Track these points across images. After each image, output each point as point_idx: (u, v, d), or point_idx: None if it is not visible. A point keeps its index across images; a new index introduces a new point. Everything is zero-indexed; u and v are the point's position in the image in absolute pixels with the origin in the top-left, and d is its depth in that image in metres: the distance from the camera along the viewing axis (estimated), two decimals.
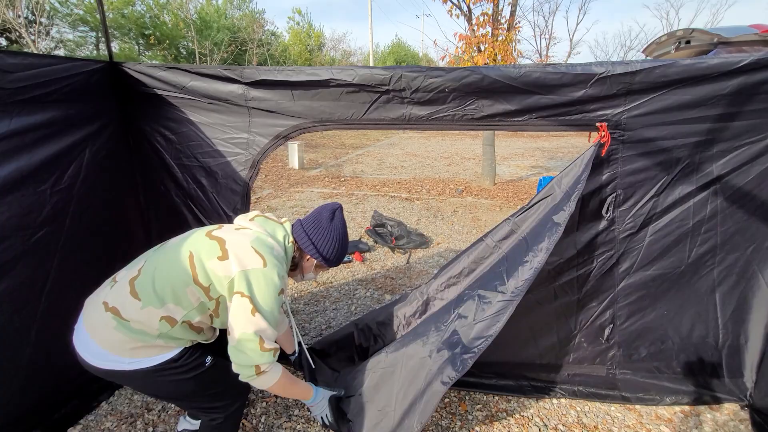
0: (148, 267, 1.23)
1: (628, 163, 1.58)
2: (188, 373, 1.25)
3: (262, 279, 1.16)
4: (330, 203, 1.44)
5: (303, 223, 1.40)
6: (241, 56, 15.46)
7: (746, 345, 1.86)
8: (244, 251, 1.18)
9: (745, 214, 1.61)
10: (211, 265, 1.17)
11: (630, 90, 1.41)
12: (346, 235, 1.43)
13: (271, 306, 1.17)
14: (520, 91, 1.47)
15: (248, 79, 1.72)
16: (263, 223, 1.35)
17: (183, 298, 1.18)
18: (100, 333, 1.17)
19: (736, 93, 1.37)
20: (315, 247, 1.36)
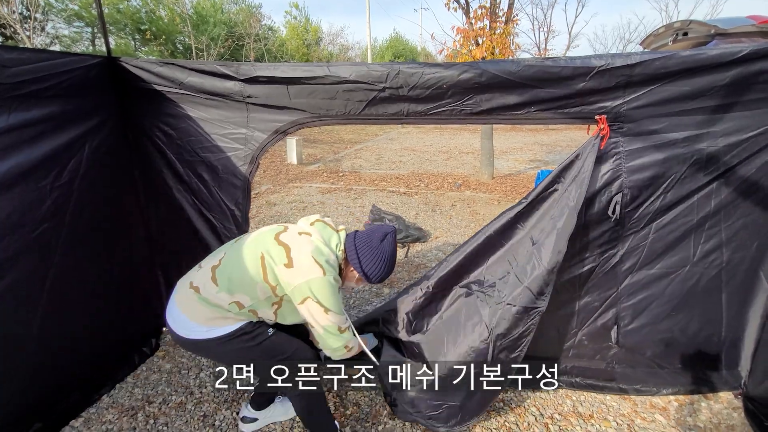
0: (226, 259, 1.42)
1: (631, 159, 1.57)
2: (254, 341, 1.44)
3: (324, 285, 1.35)
4: (386, 225, 1.56)
5: (356, 238, 1.51)
6: (238, 51, 15.35)
7: (744, 336, 1.87)
8: (306, 262, 1.35)
9: (749, 209, 1.60)
10: (279, 270, 1.35)
11: (629, 82, 1.41)
12: (394, 259, 1.52)
13: (336, 303, 1.40)
14: (518, 85, 1.47)
15: (244, 75, 1.72)
16: (321, 230, 1.48)
17: (252, 291, 1.37)
18: (184, 304, 1.41)
19: (734, 83, 1.37)
20: (360, 262, 1.47)
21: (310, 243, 1.39)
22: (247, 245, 1.42)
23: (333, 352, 1.48)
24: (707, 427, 1.86)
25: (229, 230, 2.00)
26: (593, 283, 1.79)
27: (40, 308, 1.68)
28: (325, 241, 1.44)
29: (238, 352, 1.44)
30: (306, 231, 1.44)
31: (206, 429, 1.84)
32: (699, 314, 1.77)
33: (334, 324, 1.41)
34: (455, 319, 1.75)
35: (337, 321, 1.42)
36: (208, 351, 1.47)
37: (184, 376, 2.18)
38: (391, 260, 1.51)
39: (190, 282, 1.43)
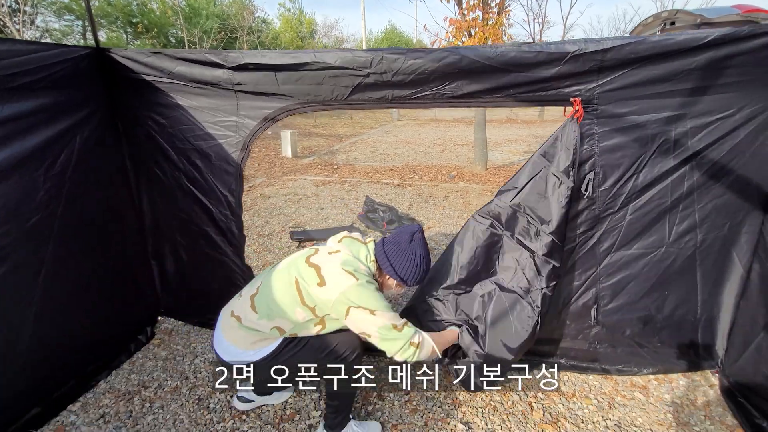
0: (263, 287, 1.48)
1: (604, 140, 1.63)
2: (298, 346, 1.50)
3: (360, 290, 1.37)
4: (411, 225, 1.56)
5: (384, 244, 1.53)
6: (231, 44, 15.26)
7: (719, 316, 1.94)
8: (337, 275, 1.39)
9: (720, 190, 1.66)
10: (314, 290, 1.39)
11: (602, 67, 1.46)
12: (426, 257, 1.52)
13: (380, 302, 1.40)
14: (497, 70, 1.52)
15: (233, 63, 1.75)
16: (349, 245, 1.53)
17: (291, 315, 1.43)
18: (228, 333, 1.50)
19: (703, 68, 1.43)
20: (393, 267, 1.49)
21: (338, 258, 1.44)
22: (281, 271, 1.48)
23: (402, 353, 1.42)
24: (684, 403, 1.93)
25: (224, 215, 2.05)
26: (574, 263, 1.85)
27: (36, 296, 1.73)
28: (354, 254, 1.48)
29: (288, 360, 1.51)
30: (335, 249, 1.49)
31: (201, 411, 1.90)
32: (674, 294, 1.84)
33: (387, 323, 1.39)
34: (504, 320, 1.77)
35: (388, 319, 1.39)
36: (263, 369, 1.52)
37: (179, 363, 2.23)
38: (424, 259, 1.52)
39: (231, 311, 1.52)
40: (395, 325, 1.40)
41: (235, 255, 2.16)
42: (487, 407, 1.91)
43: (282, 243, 3.98)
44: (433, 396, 1.96)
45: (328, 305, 1.38)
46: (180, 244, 2.29)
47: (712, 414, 1.87)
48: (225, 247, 2.17)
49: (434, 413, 1.87)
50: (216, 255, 2.21)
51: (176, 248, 2.31)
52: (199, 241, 2.20)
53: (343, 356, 1.53)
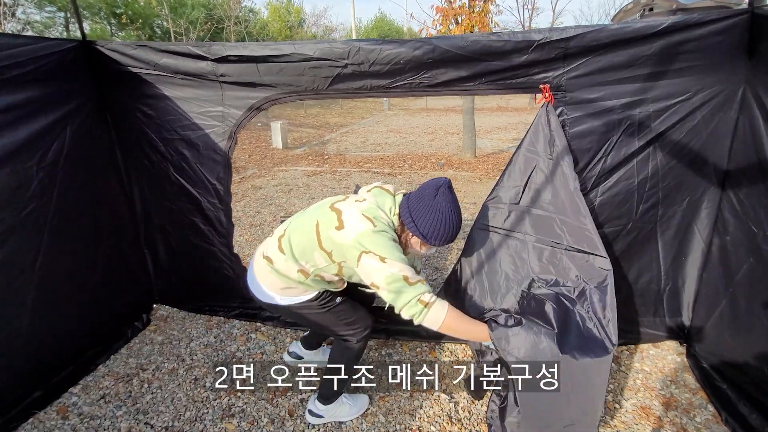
0: (290, 229, 1.51)
1: (574, 125, 1.72)
2: (324, 308, 1.57)
3: (375, 236, 1.32)
4: (439, 178, 1.39)
5: (409, 197, 1.42)
6: (218, 34, 15.07)
7: (683, 288, 2.07)
8: (356, 219, 1.36)
9: (681, 169, 1.77)
10: (331, 233, 1.37)
11: (567, 54, 1.55)
12: (452, 213, 1.36)
13: (393, 252, 1.31)
14: (468, 59, 1.60)
15: (215, 55, 1.82)
16: (377, 195, 1.48)
17: (311, 258, 1.44)
18: (260, 274, 1.55)
19: (659, 54, 1.51)
20: (414, 222, 1.36)
21: (361, 205, 1.40)
22: (307, 214, 1.50)
23: (408, 309, 1.31)
24: (652, 371, 2.07)
25: (212, 204, 2.12)
26: None
27: (34, 283, 1.79)
28: (379, 205, 1.41)
29: (310, 316, 1.59)
30: (362, 198, 1.46)
31: (198, 390, 2.00)
32: (638, 266, 1.96)
33: (396, 273, 1.28)
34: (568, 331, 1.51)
35: (398, 270, 1.29)
36: (287, 313, 1.63)
37: (176, 346, 2.33)
38: (450, 216, 1.35)
39: (262, 252, 1.56)
40: (406, 276, 1.29)
41: (223, 245, 2.24)
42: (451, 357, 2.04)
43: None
44: (417, 370, 2.08)
45: (343, 249, 1.34)
46: (170, 234, 2.36)
47: (678, 379, 2.01)
48: (213, 237, 2.24)
49: (419, 385, 1.99)
50: (203, 245, 2.28)
51: (167, 237, 2.38)
52: (187, 231, 2.27)
53: (355, 330, 1.62)
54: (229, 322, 2.52)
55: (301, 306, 1.56)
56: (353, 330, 1.63)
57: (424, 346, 2.27)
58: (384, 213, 1.40)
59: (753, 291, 1.65)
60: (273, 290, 1.53)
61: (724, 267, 1.83)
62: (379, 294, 1.37)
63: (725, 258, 1.81)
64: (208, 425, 1.79)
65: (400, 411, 1.86)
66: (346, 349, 1.68)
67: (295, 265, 1.45)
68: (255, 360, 2.17)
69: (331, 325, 1.64)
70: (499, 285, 1.68)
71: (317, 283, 1.52)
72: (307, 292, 1.54)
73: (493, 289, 1.69)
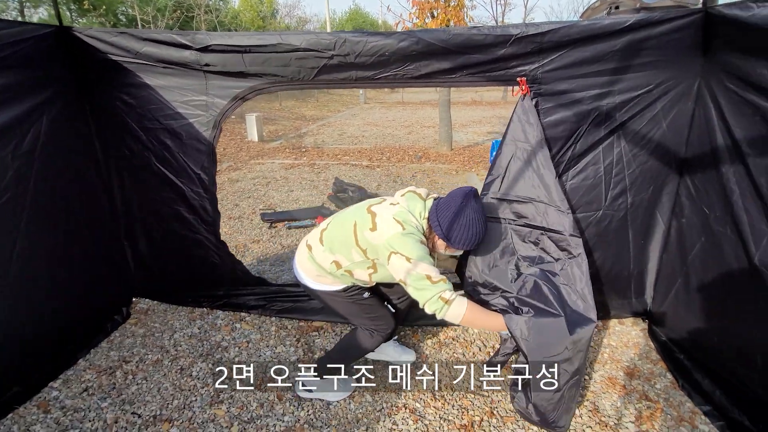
0: (331, 225, 1.67)
1: (548, 115, 1.83)
2: (351, 299, 1.71)
3: (403, 238, 1.46)
4: (466, 187, 1.53)
5: (438, 203, 1.54)
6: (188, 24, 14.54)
7: (647, 268, 2.24)
8: (388, 223, 1.50)
9: (644, 157, 1.92)
10: (366, 234, 1.52)
11: (542, 48, 1.65)
12: (477, 220, 1.48)
13: (420, 252, 1.45)
14: (450, 52, 1.67)
15: (200, 44, 1.81)
16: (409, 199, 1.58)
17: (347, 254, 1.58)
18: (300, 260, 1.73)
19: (624, 49, 1.64)
20: (440, 225, 1.49)
21: (393, 209, 1.53)
22: (347, 213, 1.64)
23: (430, 305, 1.46)
24: (618, 345, 2.24)
25: (197, 194, 2.12)
26: None
27: (11, 275, 1.75)
28: (410, 209, 1.53)
29: (337, 305, 1.74)
30: (396, 202, 1.58)
31: (184, 379, 2.01)
32: (612, 252, 2.11)
33: (420, 273, 1.43)
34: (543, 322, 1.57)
35: (422, 269, 1.43)
36: (318, 297, 1.78)
37: (158, 338, 2.31)
38: (473, 222, 1.47)
39: (306, 240, 1.73)
40: (429, 276, 1.44)
41: (209, 233, 2.24)
42: (451, 359, 2.14)
43: (253, 224, 4.04)
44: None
45: (377, 249, 1.50)
46: (152, 225, 2.33)
47: (641, 351, 2.18)
48: (198, 225, 2.24)
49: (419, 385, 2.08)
50: (189, 234, 2.27)
51: (149, 229, 2.36)
52: (171, 221, 2.26)
53: (378, 325, 1.74)
54: (213, 313, 2.52)
55: (330, 294, 1.71)
56: (375, 325, 1.75)
57: (407, 330, 2.36)
58: (414, 217, 1.53)
59: (704, 268, 1.82)
60: (309, 275, 1.70)
61: (680, 248, 2.00)
62: (406, 290, 1.53)
63: (681, 239, 1.98)
64: (197, 412, 1.81)
65: (387, 390, 1.94)
66: (360, 343, 1.77)
67: (331, 257, 1.61)
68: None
69: (355, 316, 1.77)
70: (489, 266, 1.78)
71: (345, 278, 1.65)
72: (336, 284, 1.69)
73: (484, 271, 1.78)
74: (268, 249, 3.50)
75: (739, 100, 1.46)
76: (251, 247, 3.56)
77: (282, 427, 1.74)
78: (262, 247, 3.56)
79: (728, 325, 1.71)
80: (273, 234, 3.82)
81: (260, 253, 3.44)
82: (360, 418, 1.79)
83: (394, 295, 1.93)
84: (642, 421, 1.76)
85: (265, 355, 2.17)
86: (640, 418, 1.77)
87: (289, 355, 2.17)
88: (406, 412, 1.80)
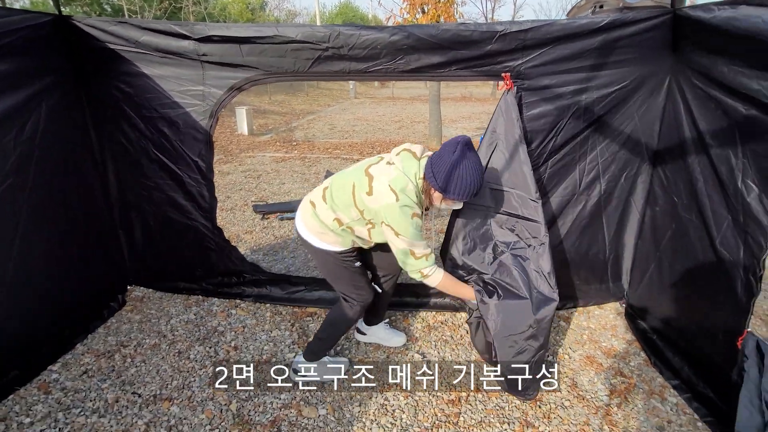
0: (332, 184, 1.70)
1: (531, 109, 1.95)
2: (343, 264, 1.77)
3: (395, 210, 1.50)
4: (458, 136, 1.51)
5: (432, 158, 1.54)
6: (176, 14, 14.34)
7: (623, 254, 2.39)
8: (383, 191, 1.52)
9: (618, 147, 2.06)
10: (363, 197, 1.57)
11: (525, 45, 1.76)
12: (469, 167, 1.47)
13: (407, 228, 1.53)
14: (440, 47, 1.77)
15: (199, 35, 1.88)
16: (404, 159, 1.59)
17: (347, 213, 1.64)
18: (304, 216, 1.76)
19: (601, 47, 1.76)
20: (435, 178, 1.50)
21: (390, 173, 1.54)
22: (347, 174, 1.68)
23: (412, 274, 1.66)
24: (597, 328, 2.38)
25: (195, 180, 2.19)
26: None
27: (12, 260, 1.80)
28: (406, 171, 1.54)
29: (329, 265, 1.79)
30: (392, 161, 1.59)
31: (182, 361, 2.08)
32: (586, 235, 2.25)
33: (405, 248, 1.56)
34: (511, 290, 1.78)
35: (407, 245, 1.54)
36: (314, 255, 1.81)
37: (155, 324, 2.38)
38: (467, 171, 1.46)
39: (309, 198, 1.78)
40: (413, 252, 1.57)
41: (206, 219, 2.31)
42: (439, 341, 2.26)
43: (246, 216, 4.10)
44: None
45: (372, 213, 1.57)
46: (148, 212, 2.39)
47: (617, 333, 2.33)
48: (195, 212, 2.31)
49: (394, 348, 2.19)
50: (185, 220, 2.34)
51: (144, 216, 2.41)
52: (168, 208, 2.32)
53: (360, 294, 1.82)
54: (208, 300, 2.59)
55: (326, 253, 1.76)
56: (357, 294, 1.82)
57: (398, 315, 2.47)
58: (410, 180, 1.54)
59: (674, 254, 1.97)
60: (311, 232, 1.74)
61: (653, 235, 2.14)
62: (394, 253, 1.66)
63: (655, 227, 2.13)
64: (196, 391, 1.90)
65: (379, 370, 2.04)
66: (343, 314, 1.86)
67: (332, 214, 1.67)
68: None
69: (341, 281, 1.84)
70: (469, 250, 1.94)
71: (347, 234, 1.71)
72: (336, 244, 1.73)
73: (464, 254, 1.95)
74: (260, 239, 3.58)
75: (703, 95, 1.59)
76: (244, 237, 3.63)
77: (279, 404, 1.83)
78: (255, 237, 3.62)
79: (694, 306, 1.86)
80: (265, 225, 3.88)
81: (253, 243, 3.51)
82: (353, 395, 1.90)
83: (381, 272, 2.00)
84: (616, 394, 1.90)
85: (261, 339, 2.25)
86: (614, 391, 1.91)
87: (284, 339, 2.26)
88: (397, 390, 1.91)
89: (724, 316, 1.64)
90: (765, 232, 1.39)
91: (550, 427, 1.73)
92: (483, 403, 1.85)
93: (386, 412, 1.81)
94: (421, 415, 1.79)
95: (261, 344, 2.22)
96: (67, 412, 1.77)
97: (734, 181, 1.49)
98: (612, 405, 1.84)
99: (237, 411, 1.79)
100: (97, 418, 1.75)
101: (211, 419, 1.75)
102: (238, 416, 1.76)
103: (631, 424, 1.75)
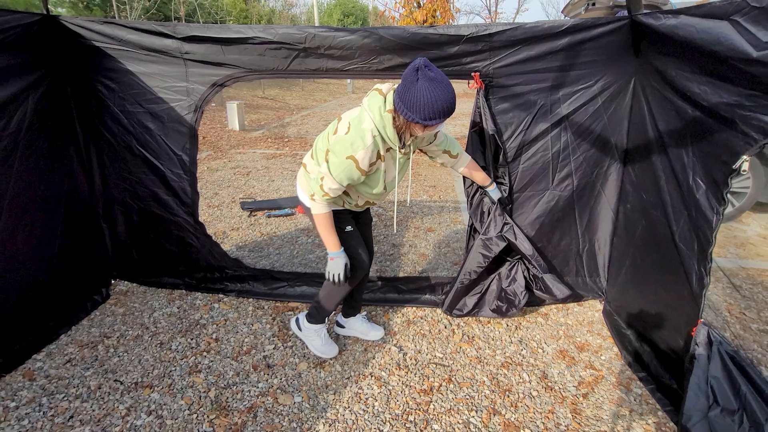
0: (317, 140, 1.86)
1: (499, 104, 2.13)
2: (337, 226, 1.87)
3: (341, 141, 1.63)
4: (415, 59, 1.48)
5: (397, 88, 1.55)
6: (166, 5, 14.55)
7: (599, 250, 2.55)
8: (342, 126, 1.67)
9: (588, 145, 2.23)
10: (331, 139, 1.69)
11: (492, 47, 1.94)
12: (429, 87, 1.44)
13: (337, 163, 1.63)
14: (410, 48, 1.95)
15: (181, 34, 2.07)
16: (371, 98, 1.63)
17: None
18: (299, 179, 1.95)
19: (566, 49, 1.93)
20: (404, 106, 1.49)
21: (353, 112, 1.68)
22: (329, 125, 1.79)
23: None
24: (574, 323, 2.54)
25: (177, 175, 2.35)
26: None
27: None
28: (370, 107, 1.59)
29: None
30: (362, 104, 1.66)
31: (164, 352, 2.25)
32: (559, 229, 2.42)
33: (320, 174, 1.69)
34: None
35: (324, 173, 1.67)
36: (311, 216, 1.89)
37: (138, 317, 2.54)
38: (427, 89, 1.43)
39: (303, 160, 1.94)
40: (322, 184, 1.69)
41: (187, 214, 2.48)
42: (417, 335, 2.42)
43: (233, 212, 4.27)
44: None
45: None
46: (131, 207, 2.55)
47: (593, 329, 2.49)
48: (177, 207, 2.47)
49: (372, 341, 2.35)
50: (167, 215, 2.50)
51: (128, 211, 2.58)
52: (150, 203, 2.48)
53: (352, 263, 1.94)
54: (192, 294, 2.76)
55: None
56: (350, 258, 1.93)
57: (378, 310, 2.63)
58: (371, 117, 1.59)
59: (644, 249, 2.12)
60: (305, 192, 1.88)
61: (627, 231, 2.30)
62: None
63: (627, 223, 2.28)
64: (176, 379, 2.06)
65: (355, 361, 2.21)
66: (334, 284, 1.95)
67: (318, 168, 1.77)
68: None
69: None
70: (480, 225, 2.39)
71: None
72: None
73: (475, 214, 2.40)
74: (246, 236, 3.74)
75: (660, 97, 1.75)
76: (230, 234, 3.79)
77: (256, 392, 1.99)
78: (241, 234, 3.79)
79: (660, 299, 2.01)
80: (252, 222, 4.05)
81: (239, 240, 3.68)
82: (329, 384, 2.06)
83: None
84: (583, 386, 2.06)
85: (242, 332, 2.42)
86: (582, 383, 2.07)
87: (265, 332, 2.42)
88: (372, 379, 2.08)
89: (685, 307, 1.79)
90: (711, 227, 1.55)
91: (516, 415, 1.89)
92: (453, 392, 2.01)
93: (359, 399, 1.97)
94: (393, 402, 1.95)
95: (242, 336, 2.38)
96: (51, 397, 1.93)
97: (687, 178, 1.65)
98: (578, 395, 2.00)
99: (215, 398, 1.95)
100: (80, 403, 1.91)
101: (190, 405, 1.91)
102: (216, 402, 1.93)
103: (593, 412, 1.91)
